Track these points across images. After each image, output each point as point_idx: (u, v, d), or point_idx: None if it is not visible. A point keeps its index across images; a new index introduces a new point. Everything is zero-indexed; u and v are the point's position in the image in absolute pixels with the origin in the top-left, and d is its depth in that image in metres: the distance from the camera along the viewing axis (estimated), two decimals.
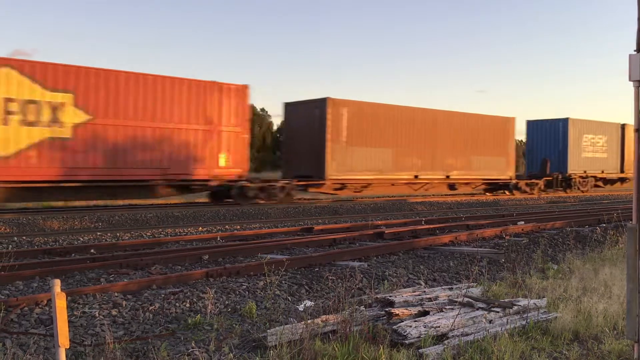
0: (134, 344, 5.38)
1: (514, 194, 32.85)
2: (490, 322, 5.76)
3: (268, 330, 5.24)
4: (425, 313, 5.82)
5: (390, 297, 6.11)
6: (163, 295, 6.98)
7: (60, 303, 3.93)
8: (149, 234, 13.64)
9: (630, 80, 4.39)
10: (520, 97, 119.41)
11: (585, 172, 37.81)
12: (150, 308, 6.49)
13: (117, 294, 6.89)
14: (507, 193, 33.41)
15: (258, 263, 8.75)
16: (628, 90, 4.39)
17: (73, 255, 10.41)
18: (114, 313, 6.27)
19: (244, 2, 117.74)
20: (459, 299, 6.17)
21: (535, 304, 6.29)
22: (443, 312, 5.87)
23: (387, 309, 5.80)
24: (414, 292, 6.78)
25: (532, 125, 38.89)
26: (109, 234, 13.53)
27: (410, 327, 5.28)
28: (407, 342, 5.15)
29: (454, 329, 5.43)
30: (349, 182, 26.28)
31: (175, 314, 6.45)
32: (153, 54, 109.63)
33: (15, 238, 12.55)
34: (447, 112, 30.69)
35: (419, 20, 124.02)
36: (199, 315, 6.21)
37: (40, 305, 6.37)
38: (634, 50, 4.37)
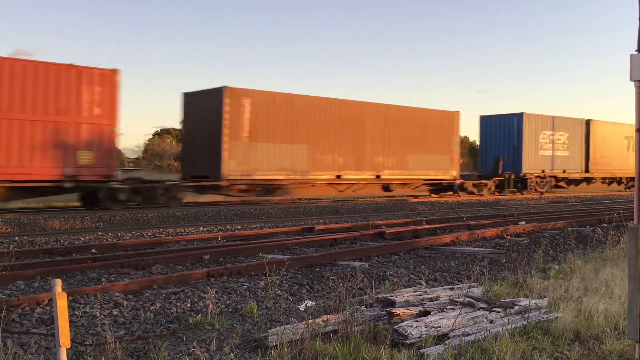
0: (135, 344, 5.38)
1: (460, 196, 30.02)
2: (492, 322, 5.76)
3: (269, 330, 5.24)
4: (426, 313, 5.82)
5: (391, 297, 6.11)
6: (164, 295, 6.98)
7: (62, 303, 3.93)
8: (150, 234, 13.65)
9: (632, 80, 4.39)
10: (521, 96, 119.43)
11: (544, 171, 34.38)
12: (151, 308, 6.50)
13: (118, 294, 6.90)
14: (457, 194, 30.43)
15: (259, 263, 8.75)
16: (629, 90, 4.39)
17: (74, 255, 10.42)
18: (115, 313, 6.27)
19: None
20: (460, 299, 6.17)
21: (537, 304, 6.28)
22: (444, 312, 5.87)
23: (388, 309, 5.80)
24: (415, 292, 6.79)
25: (485, 121, 35.58)
26: (110, 234, 13.55)
27: (411, 327, 5.28)
28: (408, 342, 5.15)
29: (455, 329, 5.43)
30: (254, 182, 23.16)
31: (176, 314, 6.45)
32: (154, 54, 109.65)
33: (17, 238, 12.57)
34: (377, 104, 27.33)
35: (420, 21, 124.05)
36: (200, 315, 6.22)
37: (42, 305, 6.38)
38: (635, 50, 4.37)
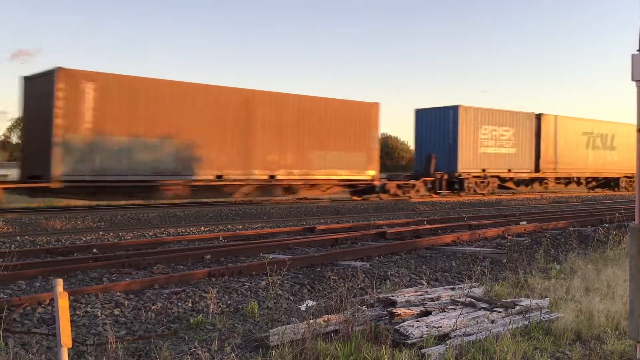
0: (136, 344, 5.38)
1: (381, 198, 26.72)
2: (493, 322, 5.76)
3: (270, 330, 5.24)
4: (428, 313, 5.82)
5: (393, 297, 6.10)
6: (165, 295, 6.99)
7: (63, 302, 3.93)
8: (151, 234, 13.66)
9: (634, 80, 4.38)
10: (522, 96, 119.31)
11: (485, 170, 31.06)
12: (153, 308, 6.50)
13: (119, 294, 6.90)
14: (378, 197, 26.93)
15: (260, 263, 8.75)
16: (629, 90, 4.39)
17: (75, 255, 10.43)
18: (116, 312, 6.28)
19: None
20: (461, 299, 6.17)
21: (538, 304, 6.28)
22: (445, 312, 5.87)
23: (389, 309, 5.80)
24: (416, 292, 6.78)
25: (421, 115, 31.84)
26: (111, 234, 13.55)
27: (413, 327, 5.28)
28: (409, 342, 5.14)
29: (456, 329, 5.43)
30: (101, 184, 19.43)
31: (178, 314, 6.45)
32: (155, 55, 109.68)
33: (18, 237, 12.58)
34: (271, 93, 23.20)
35: (420, 21, 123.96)
36: (201, 315, 6.22)
37: (43, 305, 6.38)
38: (637, 50, 4.37)
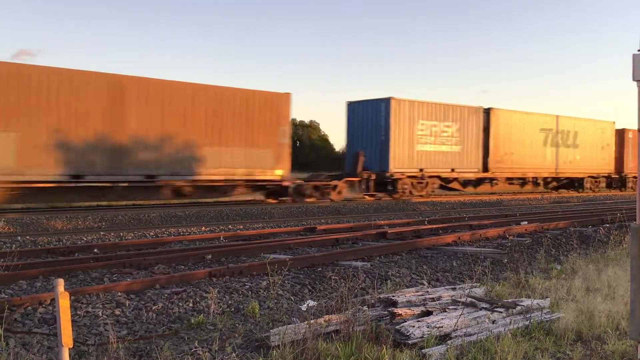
0: (137, 344, 5.39)
1: (296, 201, 23.93)
2: (494, 322, 5.76)
3: (271, 330, 5.24)
4: (428, 313, 5.82)
5: (393, 297, 6.11)
6: (166, 295, 6.99)
7: (64, 302, 3.94)
8: (152, 234, 13.66)
9: (634, 80, 4.38)
10: (523, 96, 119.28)
11: (422, 170, 28.02)
12: (154, 308, 6.50)
13: (120, 294, 6.90)
14: (292, 199, 24.18)
15: (261, 263, 8.75)
16: (630, 91, 4.39)
17: (76, 255, 10.43)
18: (117, 312, 6.28)
19: None
20: (462, 299, 6.17)
21: (539, 304, 6.28)
22: (446, 312, 5.87)
23: (390, 309, 5.80)
24: (417, 292, 6.78)
25: (353, 109, 28.56)
26: (112, 234, 13.56)
27: (413, 327, 5.28)
28: (410, 342, 5.14)
29: (457, 329, 5.43)
30: None
31: (179, 314, 6.45)
32: (156, 55, 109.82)
33: (19, 237, 12.59)
34: (147, 79, 20.14)
35: (420, 21, 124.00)
36: (202, 315, 6.22)
37: (44, 305, 6.39)
38: (638, 50, 4.37)
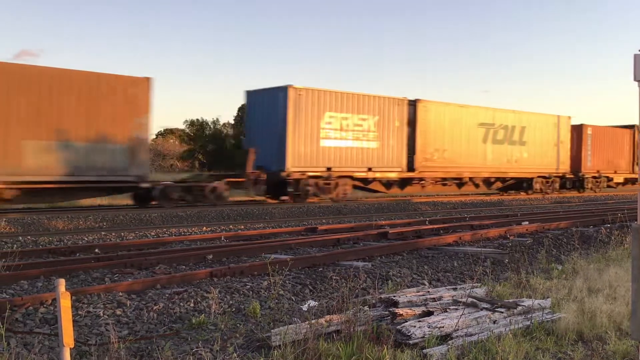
0: (139, 344, 5.39)
1: (164, 206, 20.14)
2: (495, 322, 5.75)
3: (272, 330, 5.24)
4: (429, 313, 5.82)
5: (394, 297, 6.10)
6: (167, 295, 6.99)
7: (65, 302, 3.94)
8: (153, 234, 13.67)
9: (635, 80, 4.38)
10: (523, 96, 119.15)
11: (330, 169, 24.32)
12: (155, 308, 6.50)
13: (121, 294, 6.90)
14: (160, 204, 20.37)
15: (262, 263, 8.76)
16: (631, 91, 4.39)
17: (77, 255, 10.44)
18: (119, 312, 6.28)
19: None
20: (463, 299, 6.17)
21: (540, 305, 6.28)
22: (447, 312, 5.87)
23: (391, 309, 5.80)
24: (418, 292, 6.78)
25: (251, 99, 25.02)
26: (113, 234, 13.57)
27: (414, 327, 5.28)
28: (411, 342, 5.14)
29: (458, 329, 5.43)
30: None
31: (180, 314, 6.46)
32: (157, 56, 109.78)
33: (20, 237, 12.59)
34: None
35: (421, 21, 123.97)
36: (203, 315, 6.22)
37: (45, 305, 6.39)
38: (639, 50, 4.37)
